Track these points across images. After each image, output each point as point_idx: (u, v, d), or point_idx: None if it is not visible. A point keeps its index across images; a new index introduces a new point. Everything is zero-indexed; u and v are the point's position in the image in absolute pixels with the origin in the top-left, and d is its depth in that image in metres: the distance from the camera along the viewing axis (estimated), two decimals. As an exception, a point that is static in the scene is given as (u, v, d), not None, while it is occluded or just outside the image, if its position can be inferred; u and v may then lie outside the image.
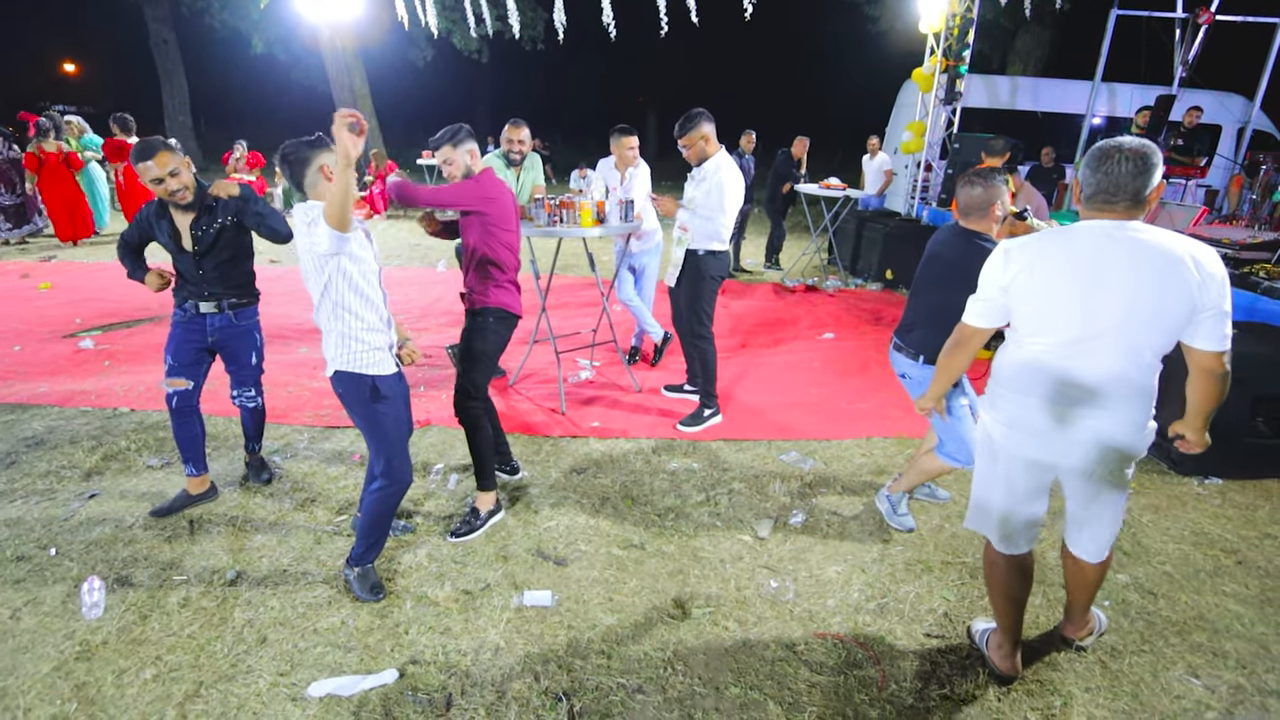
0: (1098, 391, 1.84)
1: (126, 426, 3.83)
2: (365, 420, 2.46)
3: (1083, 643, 2.35)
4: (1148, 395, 1.87)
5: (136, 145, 2.76)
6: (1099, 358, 1.83)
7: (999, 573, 2.19)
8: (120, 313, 5.88)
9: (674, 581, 2.68)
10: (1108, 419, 1.86)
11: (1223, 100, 10.38)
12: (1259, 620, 2.56)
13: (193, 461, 3.07)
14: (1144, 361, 1.82)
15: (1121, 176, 1.76)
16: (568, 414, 4.19)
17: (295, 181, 2.29)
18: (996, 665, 2.24)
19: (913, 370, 2.85)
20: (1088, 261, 1.79)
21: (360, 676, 2.16)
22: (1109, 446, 1.89)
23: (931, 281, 2.82)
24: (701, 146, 3.66)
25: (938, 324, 2.76)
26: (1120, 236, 1.77)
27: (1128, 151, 1.75)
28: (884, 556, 2.88)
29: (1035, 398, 1.93)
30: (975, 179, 2.67)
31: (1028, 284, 1.88)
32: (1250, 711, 2.15)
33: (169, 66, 17.84)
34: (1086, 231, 1.82)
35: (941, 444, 2.89)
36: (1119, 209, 1.79)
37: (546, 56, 18.56)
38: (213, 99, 24.97)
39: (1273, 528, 3.18)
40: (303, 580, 2.62)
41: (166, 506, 3.05)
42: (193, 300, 2.97)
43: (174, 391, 3.00)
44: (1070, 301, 1.82)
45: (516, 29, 8.78)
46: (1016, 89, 11.71)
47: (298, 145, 2.27)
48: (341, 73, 15.40)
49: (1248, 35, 8.80)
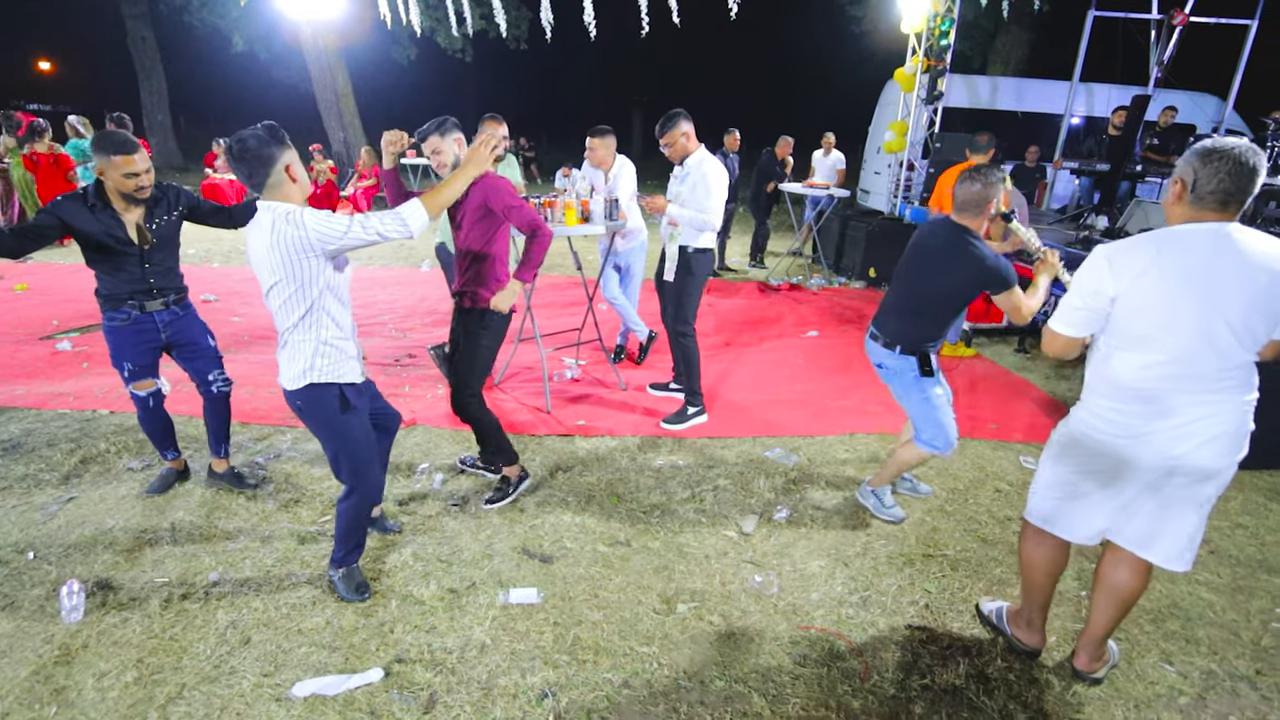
0: (1219, 390, 1.82)
1: (105, 429, 3.78)
2: (333, 433, 2.34)
3: (1098, 675, 2.25)
4: (1247, 394, 1.85)
5: (110, 137, 2.65)
6: (1211, 362, 1.80)
7: (1045, 552, 2.22)
8: (97, 314, 5.79)
9: (659, 577, 2.70)
10: (1222, 417, 1.84)
11: (1197, 100, 10.57)
12: (1230, 607, 2.62)
13: (172, 447, 3.18)
14: (1248, 363, 1.82)
15: (1243, 179, 1.74)
16: (553, 412, 4.19)
17: (254, 181, 2.09)
18: (1024, 641, 2.33)
19: (889, 360, 2.88)
20: (1206, 267, 1.75)
21: (345, 676, 2.15)
22: (1224, 439, 1.85)
23: (913, 271, 2.84)
24: (682, 144, 3.73)
25: (915, 314, 2.81)
26: (1232, 240, 1.75)
27: (1248, 154, 1.73)
28: (867, 550, 2.91)
29: (1150, 405, 1.88)
30: (975, 175, 2.68)
31: (1145, 292, 1.81)
32: (1221, 696, 2.20)
33: (147, 64, 17.58)
34: (1200, 235, 1.77)
35: (918, 432, 2.94)
36: (1230, 210, 1.78)
37: (532, 56, 18.50)
38: (192, 97, 24.66)
39: (1244, 518, 3.25)
40: (287, 581, 2.61)
41: (158, 485, 3.17)
42: (136, 300, 2.87)
43: (148, 394, 2.98)
44: (1190, 309, 1.77)
45: (502, 28, 8.76)
46: (997, 89, 11.84)
47: (259, 142, 2.06)
48: (324, 71, 15.25)
49: (1220, 36, 8.97)
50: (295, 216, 2.04)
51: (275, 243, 2.03)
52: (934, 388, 2.85)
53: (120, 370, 2.96)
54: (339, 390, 2.28)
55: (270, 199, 2.11)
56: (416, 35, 10.96)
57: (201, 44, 19.37)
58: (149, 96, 17.82)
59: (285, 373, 2.25)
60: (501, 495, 3.19)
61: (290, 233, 2.03)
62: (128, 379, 2.97)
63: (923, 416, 2.88)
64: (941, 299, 2.76)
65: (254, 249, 2.12)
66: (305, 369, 2.22)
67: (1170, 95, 9.33)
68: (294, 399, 2.28)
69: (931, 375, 2.83)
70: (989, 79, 12.37)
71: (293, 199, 2.14)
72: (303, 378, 2.23)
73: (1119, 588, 2.11)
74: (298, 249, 2.05)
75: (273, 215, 2.05)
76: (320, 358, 2.23)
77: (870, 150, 12.90)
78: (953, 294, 2.74)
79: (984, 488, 3.46)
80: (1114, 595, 2.12)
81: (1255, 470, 3.68)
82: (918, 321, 2.81)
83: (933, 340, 2.83)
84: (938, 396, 2.85)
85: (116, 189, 2.72)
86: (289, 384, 2.25)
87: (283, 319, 2.19)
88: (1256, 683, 2.26)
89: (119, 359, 2.94)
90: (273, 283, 2.11)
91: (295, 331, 2.19)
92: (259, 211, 2.09)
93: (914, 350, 2.81)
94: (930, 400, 2.84)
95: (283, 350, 2.24)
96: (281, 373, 2.27)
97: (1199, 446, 1.85)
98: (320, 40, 14.49)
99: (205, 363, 3.10)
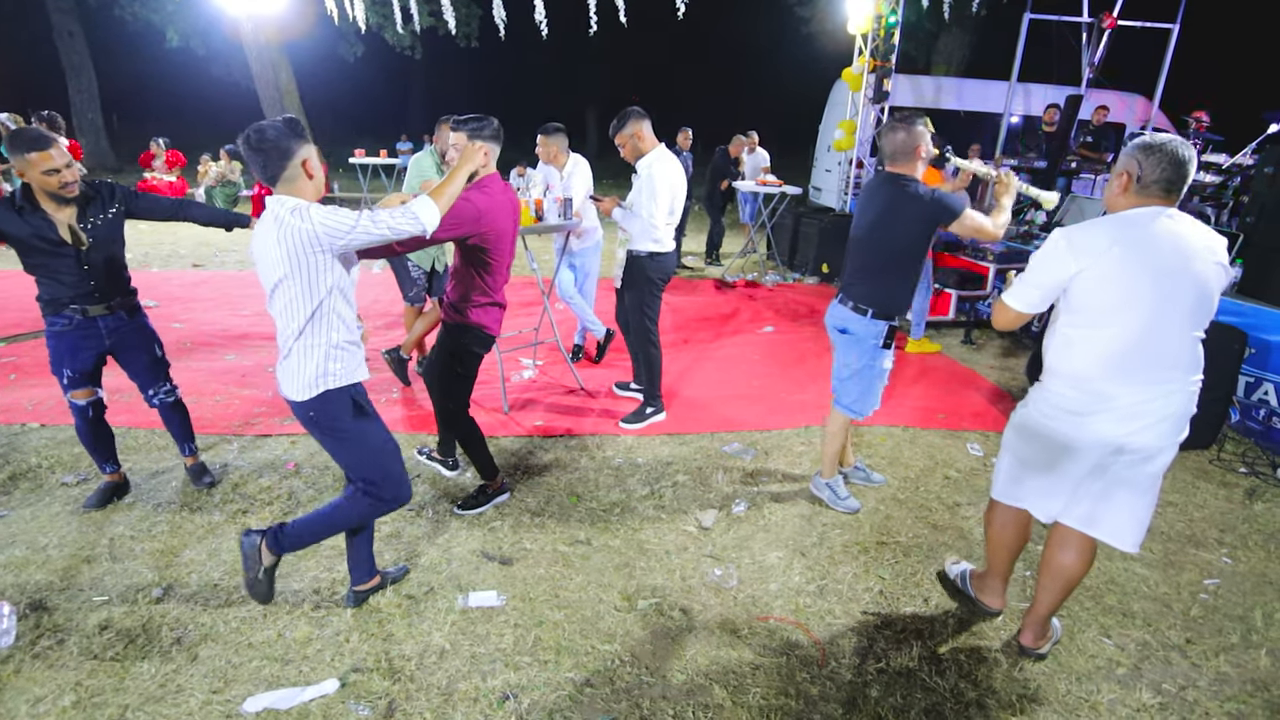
0: (1167, 369, 1.94)
1: (36, 443, 3.60)
2: (350, 441, 2.20)
3: (1042, 651, 2.34)
4: (1196, 368, 1.97)
5: (22, 135, 2.53)
6: (1166, 340, 1.92)
7: (1010, 530, 2.36)
8: (25, 323, 5.51)
9: (620, 575, 2.71)
10: (1178, 405, 1.96)
11: (1126, 100, 11.08)
12: (1162, 581, 2.76)
13: (110, 460, 3.06)
14: (1195, 340, 1.95)
15: (1181, 167, 1.90)
16: (511, 414, 4.16)
17: (269, 173, 1.99)
18: (987, 604, 2.50)
19: (856, 324, 2.90)
20: (1162, 248, 1.87)
21: (299, 688, 2.10)
22: (1170, 420, 1.98)
23: (866, 232, 2.90)
24: (635, 144, 3.64)
25: (882, 272, 2.86)
26: (1177, 223, 1.90)
27: (1182, 147, 1.90)
28: (823, 540, 2.97)
29: (1105, 383, 1.97)
30: (896, 124, 2.75)
31: (1106, 269, 1.90)
32: (1155, 666, 2.32)
33: (75, 60, 16.74)
34: (1151, 218, 1.90)
35: (839, 396, 3.04)
36: (1172, 197, 1.93)
37: (483, 54, 18.27)
38: (125, 95, 23.55)
39: (1175, 496, 3.43)
40: (235, 593, 2.52)
41: (96, 499, 3.03)
42: (78, 305, 2.74)
43: (87, 403, 2.85)
44: (1147, 287, 1.88)
45: (451, 25, 8.62)
46: (940, 89, 12.20)
47: (278, 133, 1.97)
48: (266, 68, 14.77)
49: (1146, 39, 9.41)
50: (303, 210, 1.94)
51: (281, 236, 1.94)
52: (885, 360, 2.95)
53: (59, 378, 2.82)
54: (351, 395, 2.18)
55: (282, 193, 2.02)
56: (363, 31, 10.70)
57: (134, 39, 18.50)
58: (78, 94, 16.99)
59: (293, 383, 2.10)
60: (476, 504, 3.11)
61: (297, 225, 1.93)
62: (66, 386, 2.84)
63: (859, 384, 2.98)
64: (900, 249, 2.82)
65: (259, 245, 2.01)
66: (318, 375, 2.09)
67: (1101, 95, 9.75)
68: (305, 410, 2.14)
69: (889, 349, 2.93)
70: (932, 79, 12.74)
71: (305, 195, 2.04)
72: (315, 385, 2.09)
73: (1064, 569, 2.20)
74: (304, 244, 1.95)
75: (280, 209, 1.96)
76: (333, 362, 2.11)
77: (821, 148, 13.15)
78: (909, 241, 2.80)
79: (934, 475, 3.57)
80: (1059, 576, 2.22)
81: (1184, 451, 3.86)
82: (886, 280, 2.86)
83: (903, 303, 2.90)
84: (883, 370, 2.96)
85: (41, 188, 2.59)
86: (298, 394, 2.10)
87: (286, 323, 2.05)
88: (1187, 651, 2.39)
89: (58, 365, 2.80)
90: (277, 279, 1.99)
91: (302, 337, 2.06)
92: (268, 205, 2.00)
93: (885, 315, 2.86)
94: (874, 370, 2.95)
95: (286, 360, 2.10)
96: (285, 384, 2.12)
97: (1148, 426, 1.96)
98: (262, 35, 14.02)
99: (152, 372, 3.00)
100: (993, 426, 4.17)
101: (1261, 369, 4.03)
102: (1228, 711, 2.14)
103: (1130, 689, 2.21)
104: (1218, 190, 6.79)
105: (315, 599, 2.51)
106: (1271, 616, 2.58)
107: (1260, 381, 4.05)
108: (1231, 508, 3.35)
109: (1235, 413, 4.18)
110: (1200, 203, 6.82)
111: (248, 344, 5.23)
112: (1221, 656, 2.37)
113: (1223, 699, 2.19)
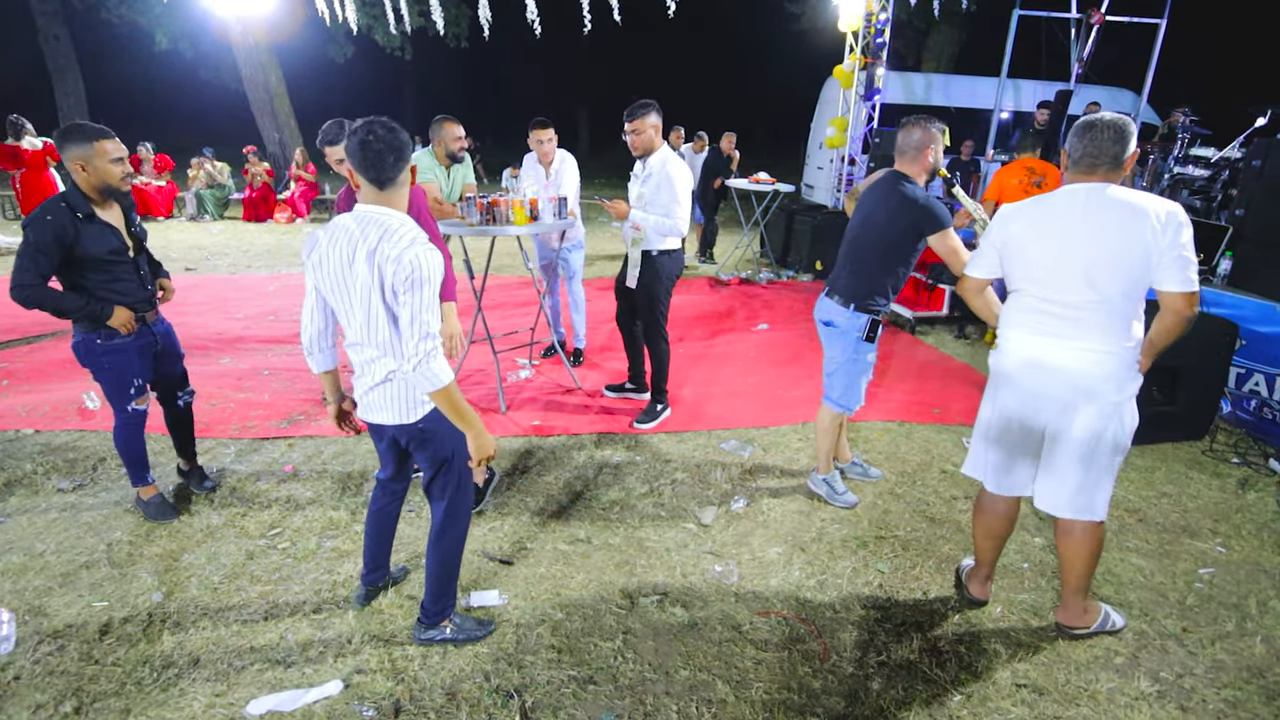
0: (1073, 323, 2.08)
1: (31, 449, 3.57)
2: (456, 447, 2.08)
3: (1078, 631, 2.37)
4: (1114, 331, 2.05)
5: (81, 128, 2.48)
6: (1070, 296, 2.06)
7: (986, 517, 2.44)
8: (18, 328, 5.47)
9: (621, 573, 2.71)
10: (1080, 349, 2.08)
11: (1115, 95, 11.15)
12: (1158, 571, 2.79)
13: (147, 468, 2.99)
14: (1109, 300, 2.02)
15: (1104, 144, 2.01)
16: (508, 414, 4.16)
17: (382, 178, 1.86)
18: (972, 592, 2.54)
19: (840, 316, 2.95)
20: (1061, 217, 2.06)
21: (303, 691, 2.10)
22: (1083, 374, 2.08)
23: (859, 226, 2.94)
24: (650, 137, 3.61)
25: (863, 265, 2.90)
26: (1095, 196, 2.02)
27: (1108, 123, 2.01)
28: (822, 535, 2.99)
29: (1026, 332, 2.17)
30: (915, 122, 2.79)
31: (1018, 239, 2.15)
32: (1153, 654, 2.34)
33: (61, 64, 16.59)
34: (1065, 194, 2.08)
35: (829, 392, 3.08)
36: (1099, 173, 2.04)
37: (473, 54, 18.22)
38: (113, 99, 23.35)
39: (1169, 487, 3.46)
40: (236, 597, 2.52)
41: (169, 511, 2.99)
42: (139, 311, 2.72)
43: (143, 409, 2.88)
44: (1046, 251, 2.08)
45: (440, 26, 8.60)
46: (931, 85, 12.25)
47: (391, 133, 1.84)
48: (255, 70, 14.67)
49: (1134, 35, 9.48)
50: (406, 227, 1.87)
51: (423, 261, 1.84)
52: (869, 354, 2.99)
53: (126, 391, 2.76)
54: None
55: (384, 204, 1.91)
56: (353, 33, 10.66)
57: (122, 42, 18.37)
58: (64, 98, 16.84)
59: (399, 405, 2.01)
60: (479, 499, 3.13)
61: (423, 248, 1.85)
62: (132, 396, 2.79)
63: (845, 377, 3.02)
64: (883, 246, 2.84)
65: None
66: (422, 394, 2.00)
67: (1091, 90, 9.81)
68: (416, 426, 2.05)
69: (872, 342, 2.96)
70: (923, 76, 12.80)
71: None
72: (425, 403, 2.03)
73: (1063, 549, 2.32)
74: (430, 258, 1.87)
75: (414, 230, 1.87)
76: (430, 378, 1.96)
77: (813, 146, 13.18)
78: (892, 239, 2.82)
79: (930, 470, 3.59)
80: (1062, 556, 2.34)
81: (1177, 443, 3.92)
82: (865, 273, 2.89)
83: (882, 298, 2.91)
84: (867, 363, 3.01)
85: (100, 183, 2.51)
86: (412, 414, 2.03)
87: (390, 342, 1.93)
88: (1183, 639, 2.42)
89: (127, 376, 2.73)
90: (376, 307, 1.88)
91: (401, 346, 1.89)
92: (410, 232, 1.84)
93: (865, 309, 2.89)
94: (858, 364, 2.99)
95: (387, 385, 1.99)
96: (386, 408, 2.02)
97: (1057, 370, 2.11)
98: (251, 37, 13.94)
99: (179, 373, 3.01)
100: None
101: (1252, 360, 4.07)
102: (1224, 698, 2.17)
103: (1128, 678, 2.23)
104: (1206, 184, 6.84)
105: (316, 601, 2.50)
106: (1266, 604, 2.61)
107: (1251, 373, 4.09)
108: (1224, 498, 3.39)
109: (1227, 404, 4.22)
110: (1189, 196, 6.88)
111: (242, 347, 5.21)
112: (1217, 644, 2.39)
113: (1219, 686, 2.22)
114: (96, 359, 2.71)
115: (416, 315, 1.81)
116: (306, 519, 3.02)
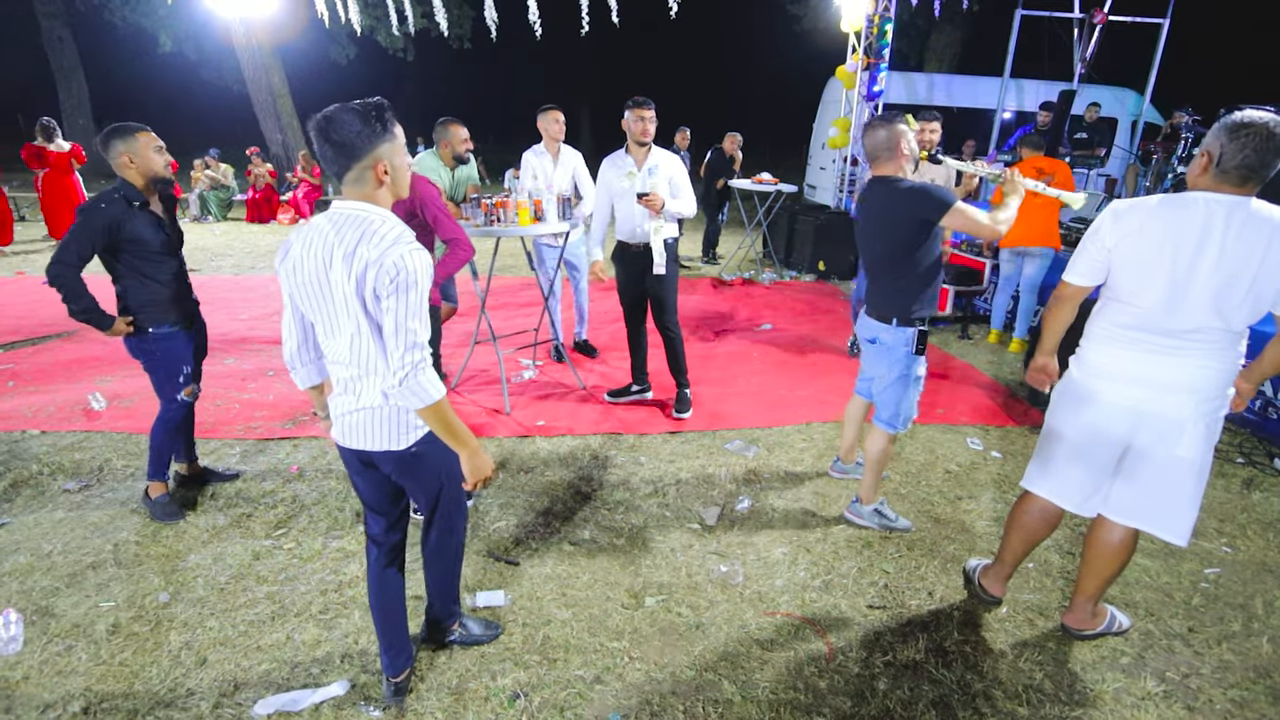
0: (1182, 345, 1.91)
1: (37, 450, 3.58)
2: (449, 470, 1.91)
3: (1087, 632, 2.36)
4: (1228, 349, 1.90)
5: (122, 126, 2.63)
6: (1187, 322, 1.87)
7: (1032, 522, 2.37)
8: (23, 329, 5.49)
9: (626, 573, 2.72)
10: (1194, 367, 1.92)
11: (1118, 95, 11.14)
12: (1163, 571, 2.79)
13: (169, 464, 3.07)
14: (1231, 329, 1.87)
15: (1268, 155, 1.74)
16: (512, 414, 4.16)
17: (340, 168, 1.65)
18: (989, 591, 2.51)
19: (885, 333, 2.80)
20: (1199, 231, 1.80)
21: (309, 690, 2.10)
22: (1195, 391, 1.94)
23: (866, 241, 2.84)
24: (654, 128, 3.80)
25: (889, 278, 2.77)
26: (1239, 212, 1.78)
27: (1275, 129, 1.72)
28: (827, 535, 2.99)
29: (1124, 348, 2.00)
30: (875, 123, 2.68)
31: (1134, 247, 1.90)
32: (1159, 654, 2.34)
33: (66, 65, 16.65)
34: (1202, 203, 1.81)
35: (880, 412, 2.91)
36: (1249, 186, 1.80)
37: (475, 55, 18.25)
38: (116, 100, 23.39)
39: (1173, 487, 3.46)
40: (242, 597, 2.53)
41: (175, 512, 3.01)
42: (184, 303, 2.87)
43: (190, 400, 2.98)
44: (1171, 269, 1.85)
45: (444, 27, 8.61)
46: (933, 85, 12.26)
47: (350, 114, 1.62)
48: (258, 72, 14.71)
49: (1137, 34, 9.47)
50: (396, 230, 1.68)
51: (410, 265, 1.66)
52: (919, 367, 2.82)
53: (175, 379, 2.88)
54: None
55: (361, 199, 1.72)
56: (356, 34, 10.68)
57: (125, 44, 18.44)
58: (68, 100, 16.91)
59: (393, 430, 1.79)
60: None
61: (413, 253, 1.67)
62: (181, 385, 2.90)
63: (896, 395, 2.84)
64: (899, 252, 2.68)
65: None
66: (415, 417, 1.82)
67: (1093, 90, 9.80)
68: (408, 451, 1.83)
69: (922, 354, 2.79)
70: (925, 76, 12.81)
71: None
72: (419, 425, 1.83)
73: (1098, 556, 2.26)
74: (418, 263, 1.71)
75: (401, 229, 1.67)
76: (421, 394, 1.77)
77: (815, 146, 13.19)
78: (904, 241, 2.65)
79: (934, 470, 3.59)
80: (1091, 562, 2.28)
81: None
82: (898, 284, 2.74)
83: (919, 308, 2.74)
84: (919, 379, 2.84)
85: (148, 173, 2.65)
86: (407, 439, 1.82)
87: (378, 360, 1.73)
88: (1189, 639, 2.41)
89: (178, 364, 2.86)
90: (358, 317, 1.68)
91: (390, 361, 1.67)
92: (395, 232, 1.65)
93: (908, 321, 2.74)
94: (909, 379, 2.81)
95: (383, 408, 1.78)
96: (373, 432, 1.79)
97: (1157, 396, 1.96)
98: (254, 39, 13.97)
99: (199, 371, 3.09)
100: (990, 420, 4.20)
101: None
102: (1231, 698, 2.17)
103: (1135, 678, 2.23)
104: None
105: (323, 601, 2.51)
106: (1272, 604, 2.61)
107: (1256, 372, 4.07)
108: (1230, 498, 3.38)
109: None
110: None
111: (247, 348, 5.22)
112: (1224, 644, 2.39)
113: (1226, 686, 2.21)
114: (148, 348, 2.83)
115: (402, 323, 1.60)
116: (312, 519, 3.03)
